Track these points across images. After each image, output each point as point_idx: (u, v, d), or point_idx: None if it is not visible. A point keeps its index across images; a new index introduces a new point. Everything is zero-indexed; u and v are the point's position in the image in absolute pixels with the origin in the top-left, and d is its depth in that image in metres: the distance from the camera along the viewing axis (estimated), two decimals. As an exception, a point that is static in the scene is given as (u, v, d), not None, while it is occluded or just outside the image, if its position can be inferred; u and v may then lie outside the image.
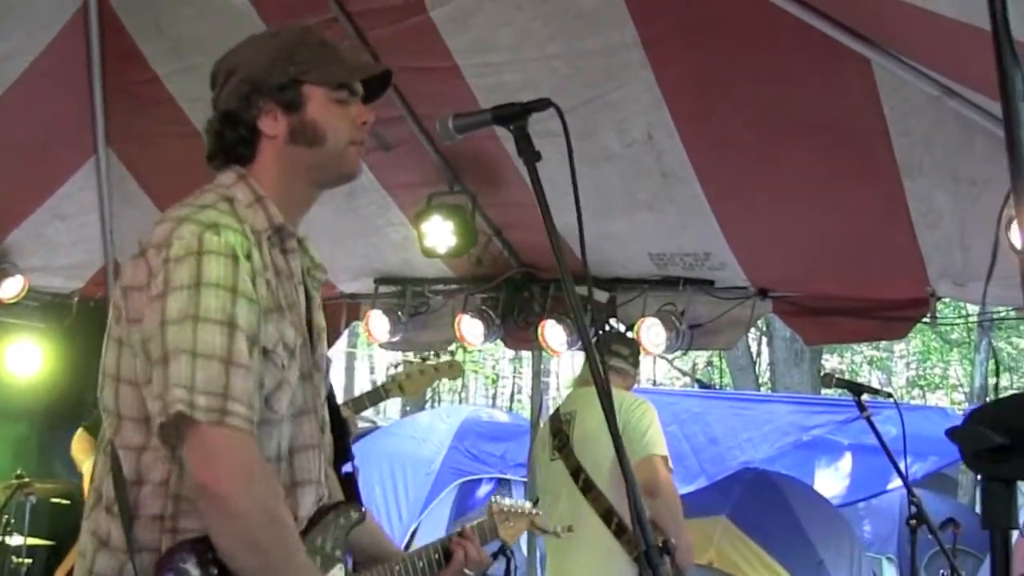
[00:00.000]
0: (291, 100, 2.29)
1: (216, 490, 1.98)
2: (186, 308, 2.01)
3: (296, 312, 2.26)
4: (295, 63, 2.30)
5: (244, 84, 2.30)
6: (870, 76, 4.36)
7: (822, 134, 4.80)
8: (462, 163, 5.99)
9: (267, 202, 2.27)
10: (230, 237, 2.10)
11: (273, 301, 2.18)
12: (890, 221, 5.01)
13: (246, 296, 2.07)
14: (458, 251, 6.12)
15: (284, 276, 2.27)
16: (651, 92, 4.91)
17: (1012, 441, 1.21)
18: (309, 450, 2.26)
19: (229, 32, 5.50)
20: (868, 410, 5.03)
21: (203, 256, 2.05)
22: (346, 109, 2.34)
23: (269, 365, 2.14)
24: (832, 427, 10.69)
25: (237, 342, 2.03)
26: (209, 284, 2.03)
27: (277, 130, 2.30)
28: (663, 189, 5.48)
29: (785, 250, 5.65)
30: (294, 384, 2.21)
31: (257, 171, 2.31)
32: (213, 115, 2.37)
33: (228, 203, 2.23)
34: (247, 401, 2.02)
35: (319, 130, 2.30)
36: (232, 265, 2.07)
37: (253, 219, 2.23)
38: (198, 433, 1.98)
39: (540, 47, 4.89)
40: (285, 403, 2.19)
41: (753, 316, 6.16)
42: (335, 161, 2.34)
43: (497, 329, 6.74)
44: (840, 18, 4.20)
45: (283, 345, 2.18)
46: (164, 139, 6.18)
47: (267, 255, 2.22)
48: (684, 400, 12.32)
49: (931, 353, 27.79)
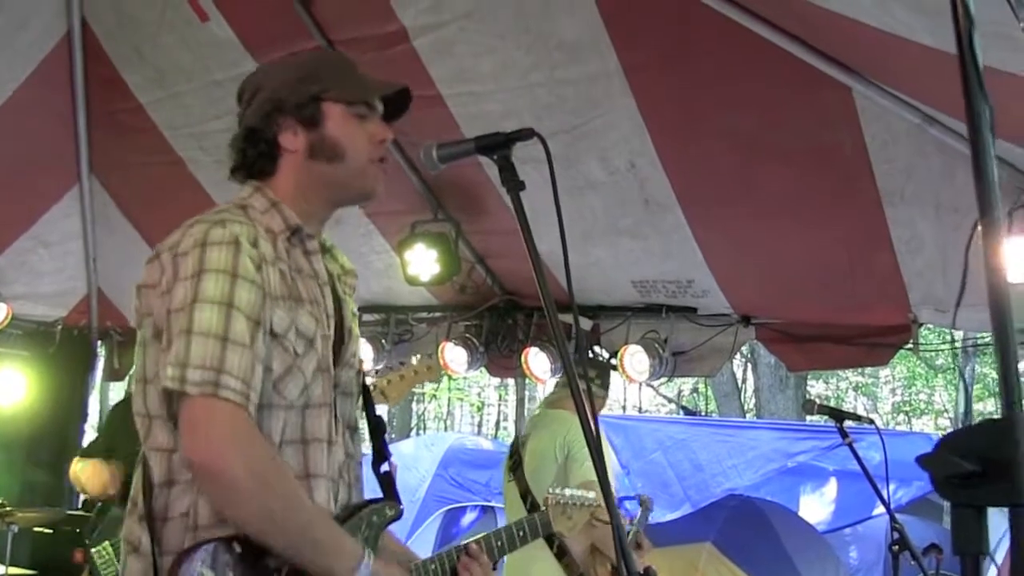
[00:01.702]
0: (310, 116, 2.36)
1: (206, 460, 2.00)
2: (188, 295, 2.07)
3: (318, 307, 2.29)
4: (316, 81, 2.38)
5: (267, 103, 2.38)
6: (851, 104, 4.40)
7: (804, 162, 4.84)
8: (445, 191, 6.01)
9: (282, 206, 2.34)
10: (235, 228, 2.16)
11: (286, 289, 2.22)
12: (872, 248, 5.04)
13: (247, 279, 2.11)
14: (441, 279, 6.13)
15: (306, 274, 2.31)
16: (633, 120, 4.94)
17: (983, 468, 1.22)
18: (320, 444, 2.26)
19: (212, 61, 5.57)
20: (850, 437, 5.04)
21: (207, 247, 2.11)
22: (364, 125, 2.40)
23: (278, 349, 2.17)
24: (817, 453, 10.68)
25: (235, 321, 2.06)
26: (209, 270, 2.09)
27: (297, 145, 2.37)
28: (645, 216, 5.50)
29: (768, 277, 5.67)
30: (308, 374, 2.23)
31: (276, 184, 2.38)
32: (237, 132, 2.45)
33: (242, 210, 2.30)
34: (242, 377, 2.04)
35: (339, 146, 2.37)
36: (234, 251, 2.12)
37: (269, 221, 2.30)
38: (188, 406, 2.02)
39: (523, 76, 4.92)
40: (296, 391, 2.21)
41: (736, 343, 6.17)
42: (355, 178, 2.40)
43: (481, 357, 6.74)
44: (821, 47, 4.24)
45: (296, 331, 2.20)
46: (147, 167, 6.19)
47: (282, 249, 2.27)
48: (669, 427, 12.29)
49: (916, 379, 27.88)
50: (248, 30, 5.19)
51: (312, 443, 2.24)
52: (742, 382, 24.55)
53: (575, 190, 5.34)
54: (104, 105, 5.97)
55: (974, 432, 1.29)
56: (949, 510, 4.89)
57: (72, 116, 6.08)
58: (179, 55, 5.45)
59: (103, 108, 5.99)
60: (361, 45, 5.03)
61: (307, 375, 2.23)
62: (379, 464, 2.56)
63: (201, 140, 5.91)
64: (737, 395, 19.92)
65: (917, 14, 3.02)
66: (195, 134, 5.90)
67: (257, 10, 5.14)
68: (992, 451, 1.22)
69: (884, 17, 3.19)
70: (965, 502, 1.26)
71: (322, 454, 2.26)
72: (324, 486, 2.25)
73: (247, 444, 2.04)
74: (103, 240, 6.87)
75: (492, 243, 6.34)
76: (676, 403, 27.05)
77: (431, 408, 34.10)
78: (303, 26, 5.03)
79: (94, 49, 5.69)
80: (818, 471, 10.90)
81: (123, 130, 6.05)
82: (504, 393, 33.97)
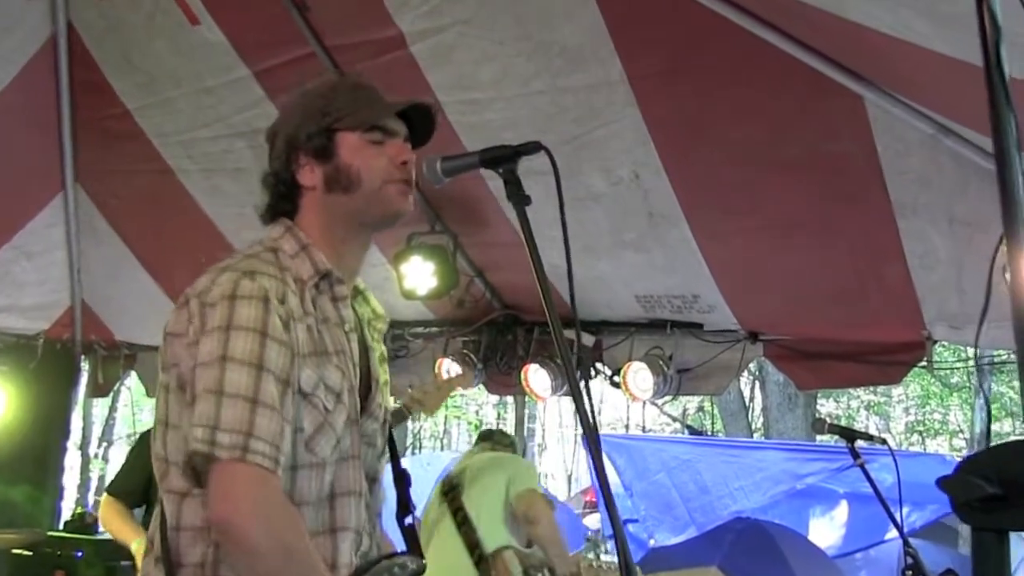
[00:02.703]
0: (322, 149, 2.38)
1: (232, 525, 2.02)
2: (216, 350, 2.10)
3: (344, 358, 2.31)
4: (326, 113, 2.40)
5: (282, 143, 2.42)
6: (862, 114, 4.39)
7: (814, 173, 4.83)
8: (443, 202, 6.01)
9: (312, 250, 2.36)
10: (264, 281, 2.19)
11: (313, 345, 2.24)
12: (884, 263, 5.03)
13: (276, 339, 2.14)
14: (439, 293, 6.12)
15: (332, 323, 2.33)
16: (637, 130, 4.94)
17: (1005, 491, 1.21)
18: (349, 496, 2.29)
19: (203, 66, 5.57)
20: (862, 457, 5.02)
21: (236, 300, 2.14)
22: (381, 149, 2.40)
23: (308, 408, 2.20)
24: (827, 475, 10.66)
25: (264, 383, 2.09)
26: (239, 327, 2.11)
27: (314, 180, 2.39)
28: (650, 229, 5.50)
29: (776, 292, 5.66)
30: (339, 429, 2.26)
31: (302, 223, 2.41)
32: (264, 175, 2.48)
33: (273, 253, 2.33)
34: (271, 440, 2.07)
35: (352, 173, 2.37)
36: (263, 308, 2.15)
37: (298, 268, 2.32)
38: (217, 470, 2.04)
39: (523, 84, 4.92)
40: (328, 447, 2.24)
41: (743, 360, 6.16)
42: (373, 204, 2.40)
43: (479, 373, 6.74)
44: (831, 54, 4.24)
45: (324, 388, 2.23)
46: (135, 176, 6.18)
47: (309, 302, 2.29)
48: (673, 447, 12.29)
49: (930, 398, 27.83)
50: (240, 34, 5.19)
51: (341, 496, 2.28)
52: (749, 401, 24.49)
53: (577, 202, 5.33)
54: (90, 111, 5.96)
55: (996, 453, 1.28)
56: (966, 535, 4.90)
57: (57, 122, 6.07)
58: (169, 60, 5.45)
59: (89, 114, 5.99)
60: (357, 51, 5.03)
61: (338, 430, 2.26)
62: (403, 517, 2.59)
63: (190, 148, 5.91)
64: (744, 414, 19.86)
65: (932, 22, 3.02)
66: (184, 142, 5.90)
67: (250, 14, 5.14)
68: (1015, 473, 1.21)
69: (897, 24, 3.19)
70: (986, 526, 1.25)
71: (351, 507, 2.29)
72: (350, 539, 2.29)
73: (272, 511, 2.07)
74: (88, 251, 6.86)
75: (491, 256, 6.34)
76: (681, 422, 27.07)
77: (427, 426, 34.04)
78: (298, 31, 5.03)
79: (80, 53, 5.68)
80: (828, 493, 10.89)
81: (110, 137, 6.04)
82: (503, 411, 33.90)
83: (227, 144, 5.74)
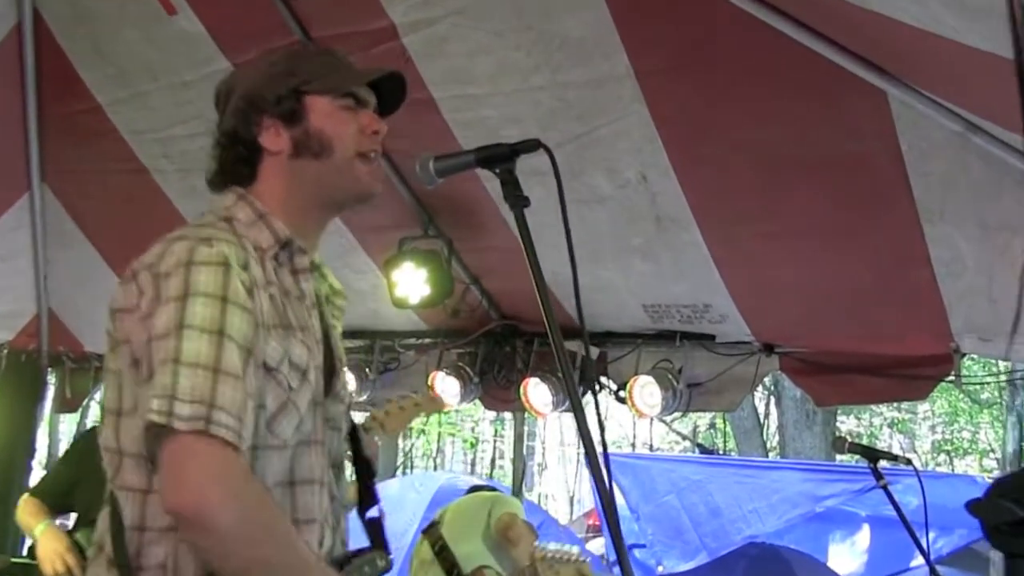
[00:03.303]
0: (292, 112, 2.36)
1: (198, 509, 1.93)
2: (173, 318, 2.03)
3: (308, 334, 2.29)
4: (295, 74, 2.39)
5: (242, 101, 2.39)
6: (886, 110, 4.40)
7: (833, 174, 4.84)
8: (437, 204, 6.01)
9: (271, 218, 2.33)
10: (223, 248, 2.14)
11: (277, 316, 2.21)
12: (909, 270, 5.03)
13: (239, 305, 2.09)
14: (432, 301, 6.13)
15: (294, 296, 2.31)
16: (645, 128, 4.95)
17: (1037, 515, 1.22)
18: (311, 485, 2.25)
19: (180, 59, 5.56)
20: (885, 478, 5.02)
21: (192, 267, 2.09)
22: (354, 116, 2.40)
23: (272, 384, 2.15)
24: (848, 497, 10.66)
25: (227, 351, 2.03)
26: (197, 294, 2.06)
27: (280, 145, 2.37)
28: (658, 234, 5.51)
29: (793, 302, 5.66)
30: (303, 409, 2.22)
31: (260, 190, 2.37)
32: (215, 137, 2.46)
33: (227, 223, 2.29)
34: (235, 413, 2.00)
35: (325, 138, 2.36)
36: (224, 273, 2.10)
37: (256, 237, 2.29)
38: (175, 444, 1.95)
39: (523, 78, 4.93)
40: (290, 428, 2.19)
41: (758, 374, 6.16)
42: (344, 177, 2.39)
43: (475, 388, 6.73)
44: (852, 46, 4.24)
45: (289, 363, 2.19)
46: (106, 176, 6.19)
47: (271, 272, 2.26)
48: (683, 467, 12.28)
49: (959, 415, 27.79)
50: (221, 25, 5.20)
51: (302, 484, 2.23)
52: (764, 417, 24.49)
53: (580, 205, 5.34)
54: (58, 106, 5.97)
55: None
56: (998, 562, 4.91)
57: (22, 118, 6.07)
58: (143, 51, 5.45)
59: (57, 109, 5.99)
60: (345, 43, 5.03)
61: (301, 410, 2.22)
62: (366, 509, 2.55)
63: (167, 146, 5.91)
64: (759, 432, 19.86)
65: (961, 13, 3.02)
66: (160, 139, 5.90)
67: (231, 3, 5.15)
68: (1048, 497, 1.22)
69: (924, 16, 3.20)
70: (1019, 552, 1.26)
71: (313, 496, 2.24)
72: (314, 531, 2.24)
73: (240, 488, 1.99)
74: (56, 256, 6.86)
75: (489, 262, 6.34)
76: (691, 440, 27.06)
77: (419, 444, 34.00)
78: (282, 21, 5.03)
79: (47, 43, 5.68)
80: (849, 517, 10.90)
81: (80, 134, 6.04)
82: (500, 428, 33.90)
83: (206, 142, 5.66)
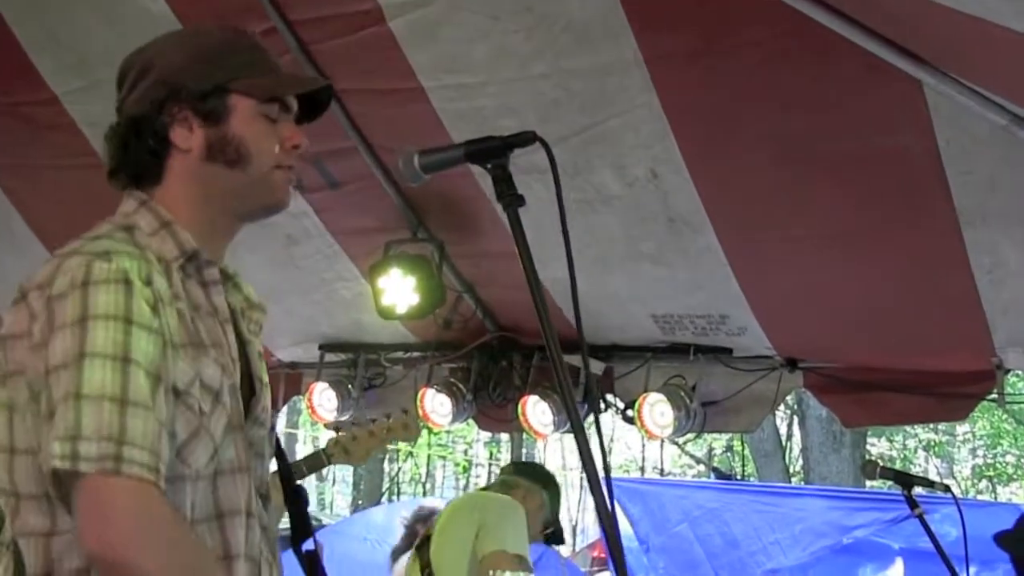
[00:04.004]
0: (212, 110, 2.32)
1: (115, 555, 1.94)
2: (72, 347, 2.00)
3: (221, 351, 2.26)
4: (222, 67, 2.34)
5: (160, 87, 2.34)
6: (921, 102, 4.38)
7: (863, 172, 4.83)
8: (427, 204, 6.01)
9: (175, 227, 2.29)
10: (123, 262, 2.10)
11: (187, 334, 2.18)
12: (947, 278, 5.03)
13: (143, 326, 2.06)
14: (422, 311, 6.12)
15: (204, 311, 2.28)
16: (656, 120, 4.93)
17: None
18: (238, 516, 2.23)
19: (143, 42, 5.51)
20: (921, 507, 5.01)
21: (89, 286, 2.05)
22: (275, 128, 2.37)
23: (182, 408, 2.13)
24: (879, 527, 10.63)
25: (133, 378, 2.01)
26: (98, 316, 2.03)
27: (191, 143, 2.33)
28: (670, 238, 5.51)
29: (819, 313, 5.67)
30: (218, 436, 2.20)
31: (164, 194, 2.34)
32: (116, 121, 2.42)
33: (126, 232, 2.26)
34: (148, 446, 1.98)
35: (242, 148, 2.32)
36: (125, 291, 2.06)
37: (159, 247, 2.26)
38: (86, 488, 1.95)
39: (522, 65, 4.91)
40: (204, 457, 2.17)
41: (780, 392, 6.17)
42: (258, 188, 2.36)
43: (469, 406, 6.73)
44: (885, 32, 4.23)
45: (201, 385, 2.17)
46: (62, 171, 6.17)
47: (178, 284, 2.23)
48: (697, 493, 12.24)
49: (1002, 437, 27.82)
50: (188, 6, 5.17)
51: (228, 516, 2.22)
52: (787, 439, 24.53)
53: (585, 205, 5.34)
54: (8, 95, 5.95)
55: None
56: (1039, 600, 4.74)
57: (-31, 109, 6.06)
58: (103, 35, 5.43)
59: (7, 99, 5.97)
60: (326, 26, 5.02)
61: (216, 437, 2.19)
62: (300, 541, 2.56)
63: (128, 140, 5.89)
64: (780, 455, 19.90)
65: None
66: (121, 133, 5.88)
67: (199, -18, 5.14)
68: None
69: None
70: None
71: (241, 529, 2.23)
72: (245, 569, 2.23)
73: (160, 529, 1.99)
74: (4, 259, 6.84)
75: (484, 268, 6.34)
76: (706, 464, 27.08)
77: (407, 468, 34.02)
78: (256, 2, 5.02)
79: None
80: (881, 549, 10.86)
81: (33, 126, 6.02)
82: (496, 450, 33.92)
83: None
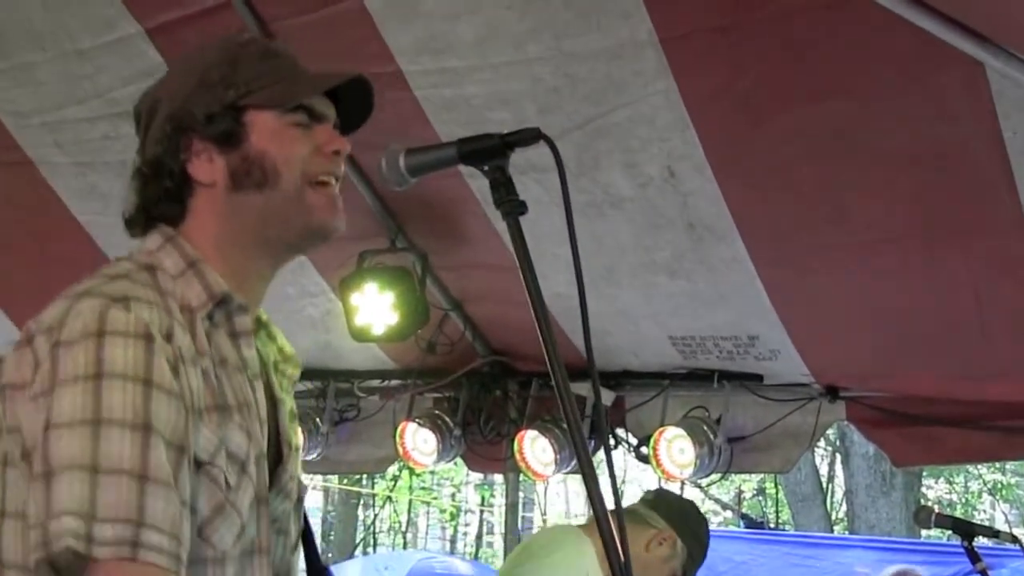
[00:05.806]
0: (227, 132, 2.33)
1: None
2: (83, 408, 2.00)
3: (249, 414, 2.27)
4: (230, 85, 2.35)
5: (168, 122, 2.35)
6: (982, 87, 4.37)
7: (915, 168, 4.84)
8: (408, 209, 6.01)
9: (204, 267, 2.30)
10: (142, 312, 2.11)
11: (212, 397, 2.19)
12: (1013, 292, 5.04)
13: (164, 388, 2.07)
14: (401, 332, 6.13)
15: (232, 367, 2.28)
16: (673, 111, 4.93)
17: None
18: None
19: (75, 21, 5.55)
20: (984, 560, 5.02)
21: (105, 338, 2.05)
22: (307, 134, 2.37)
23: (205, 482, 2.14)
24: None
25: (154, 452, 2.01)
26: (114, 375, 2.03)
27: (215, 175, 2.34)
28: (690, 247, 5.51)
29: (864, 333, 5.67)
30: (245, 511, 2.21)
31: (191, 232, 2.35)
32: (134, 165, 2.41)
33: (149, 272, 2.27)
34: (169, 530, 2.00)
35: (269, 164, 2.33)
36: (145, 348, 2.07)
37: (185, 292, 2.27)
38: (99, 574, 1.96)
39: (517, 47, 4.90)
40: (231, 536, 2.19)
41: (819, 426, 6.17)
42: (295, 207, 2.35)
43: (456, 443, 6.74)
44: (940, 6, 4.23)
45: (227, 456, 2.18)
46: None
47: (202, 339, 2.23)
48: (724, 544, 12.29)
49: (1081, 479, 27.87)
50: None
51: None
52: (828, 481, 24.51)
53: (591, 209, 5.34)
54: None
55: None
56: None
57: None
58: (28, 11, 5.44)
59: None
60: (294, 3, 5.02)
61: (243, 513, 2.21)
62: None
63: (58, 132, 5.89)
64: (821, 499, 19.89)
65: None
66: (50, 124, 5.87)
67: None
68: None
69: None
70: None
71: None
72: None
73: None
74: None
75: (474, 282, 6.35)
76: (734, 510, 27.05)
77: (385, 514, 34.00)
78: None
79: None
80: (937, 609, 10.89)
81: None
82: (488, 495, 33.89)
83: (109, 127, 5.70)
